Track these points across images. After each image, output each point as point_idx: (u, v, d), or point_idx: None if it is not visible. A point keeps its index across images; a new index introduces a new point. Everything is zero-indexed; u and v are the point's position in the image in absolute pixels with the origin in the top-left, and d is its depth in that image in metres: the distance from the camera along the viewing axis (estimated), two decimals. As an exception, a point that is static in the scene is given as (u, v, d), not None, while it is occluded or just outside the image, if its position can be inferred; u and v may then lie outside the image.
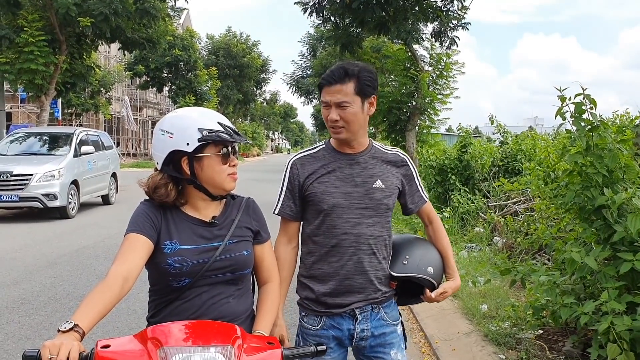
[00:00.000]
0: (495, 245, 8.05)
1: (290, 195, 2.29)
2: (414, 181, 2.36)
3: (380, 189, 2.23)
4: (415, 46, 15.37)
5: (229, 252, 1.97)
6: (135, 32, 19.92)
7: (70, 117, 33.57)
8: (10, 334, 5.00)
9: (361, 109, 2.17)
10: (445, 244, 2.40)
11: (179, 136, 1.90)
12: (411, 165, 2.37)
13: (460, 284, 2.36)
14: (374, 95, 2.21)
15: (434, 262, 2.30)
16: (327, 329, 2.26)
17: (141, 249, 1.87)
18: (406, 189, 2.34)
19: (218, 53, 46.33)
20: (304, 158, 2.31)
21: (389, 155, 2.32)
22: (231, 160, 1.99)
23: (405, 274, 2.25)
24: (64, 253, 8.40)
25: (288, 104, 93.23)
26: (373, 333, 2.26)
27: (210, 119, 1.95)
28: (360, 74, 2.15)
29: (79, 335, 1.53)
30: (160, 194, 1.94)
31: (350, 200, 2.21)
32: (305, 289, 2.30)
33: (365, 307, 2.25)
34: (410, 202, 2.36)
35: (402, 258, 2.28)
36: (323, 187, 2.22)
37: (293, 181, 2.28)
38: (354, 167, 2.24)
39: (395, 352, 2.29)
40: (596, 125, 3.76)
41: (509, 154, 11.04)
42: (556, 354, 4.16)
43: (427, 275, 2.24)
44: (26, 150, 13.13)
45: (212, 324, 1.63)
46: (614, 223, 3.61)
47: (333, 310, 2.24)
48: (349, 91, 2.13)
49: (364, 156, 2.27)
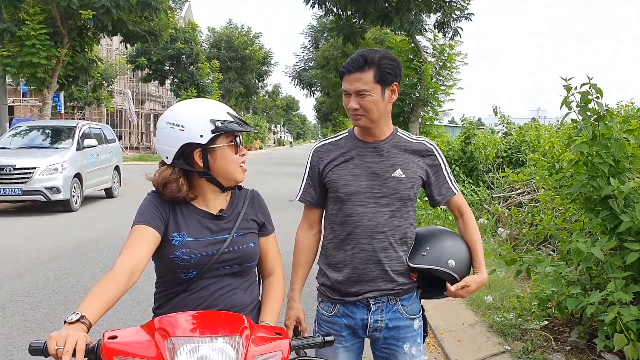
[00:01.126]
0: (499, 237, 8.03)
1: (311, 182, 2.31)
2: (441, 172, 2.29)
3: (400, 178, 2.20)
4: (418, 37, 15.34)
5: (236, 244, 1.97)
6: (137, 25, 19.86)
7: (72, 111, 33.55)
8: (15, 326, 5.01)
9: (381, 97, 2.14)
10: (474, 237, 2.31)
11: (190, 129, 1.88)
12: (439, 156, 2.30)
13: (486, 278, 2.26)
14: (396, 83, 2.17)
15: (457, 255, 2.22)
16: (340, 316, 2.26)
17: (148, 240, 1.86)
18: (432, 180, 2.28)
19: (220, 46, 46.24)
20: (326, 146, 2.32)
21: (414, 144, 2.27)
22: (241, 150, 1.99)
23: (423, 265, 2.19)
24: (68, 246, 8.41)
25: (290, 96, 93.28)
26: (387, 325, 2.24)
27: (220, 109, 1.94)
28: (381, 62, 2.12)
29: (85, 327, 1.52)
30: (172, 190, 1.92)
31: (367, 188, 2.19)
32: (322, 276, 2.32)
33: (381, 297, 2.23)
34: (437, 194, 2.30)
35: (423, 249, 2.22)
36: (340, 175, 2.22)
37: (314, 168, 2.30)
38: (373, 156, 2.22)
39: (409, 347, 2.26)
40: (602, 114, 3.73)
41: (512, 145, 11.01)
42: (562, 345, 4.15)
43: (447, 268, 2.17)
44: (29, 143, 13.12)
45: (220, 315, 1.62)
46: (621, 213, 3.59)
47: (346, 299, 2.24)
48: (368, 79, 2.11)
49: (385, 144, 2.23)
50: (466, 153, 11.28)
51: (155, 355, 1.43)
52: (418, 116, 15.02)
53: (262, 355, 1.51)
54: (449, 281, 2.20)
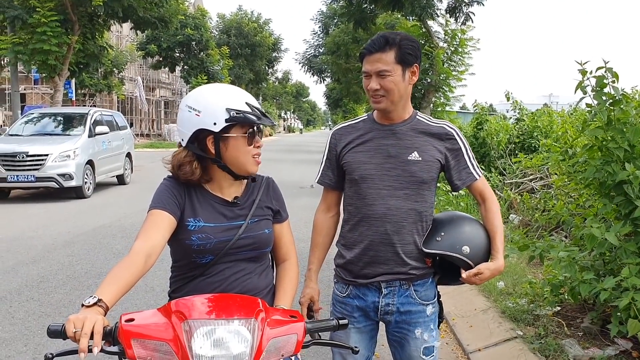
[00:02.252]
0: (511, 223, 8.00)
1: (329, 165, 2.33)
2: (462, 156, 2.25)
3: (416, 161, 2.18)
4: (430, 22, 15.18)
5: (251, 230, 1.98)
6: (147, 12, 19.83)
7: (83, 98, 33.68)
8: (30, 311, 5.08)
9: (402, 77, 2.13)
10: (494, 223, 2.25)
11: (206, 115, 1.87)
12: (459, 140, 2.26)
13: (502, 267, 2.19)
14: (416, 64, 2.16)
15: (473, 241, 2.17)
16: (353, 298, 2.27)
17: (164, 225, 1.86)
18: (451, 164, 2.25)
19: (229, 32, 46.14)
20: (344, 128, 2.33)
21: (433, 127, 2.25)
22: (256, 142, 1.97)
23: (436, 250, 2.17)
24: (81, 232, 8.48)
25: (300, 83, 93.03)
26: (399, 309, 2.24)
27: (239, 98, 1.92)
28: (402, 43, 2.12)
29: (102, 310, 1.53)
30: (185, 172, 1.93)
31: (383, 171, 2.19)
32: (338, 257, 2.34)
33: (393, 282, 2.22)
34: (456, 178, 2.26)
35: (438, 234, 2.20)
36: (356, 157, 2.22)
37: (332, 151, 2.31)
38: (389, 138, 2.21)
39: (420, 332, 2.26)
40: (618, 99, 3.68)
41: (525, 131, 10.92)
42: (574, 331, 4.14)
43: (460, 254, 2.14)
44: (41, 130, 13.20)
45: (236, 297, 1.63)
46: (636, 198, 3.55)
47: (358, 280, 2.25)
48: (389, 60, 2.10)
49: (402, 127, 2.22)
50: (478, 139, 11.21)
51: (172, 338, 1.44)
52: (429, 102, 14.91)
53: (277, 337, 1.52)
54: (464, 267, 2.17)
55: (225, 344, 1.44)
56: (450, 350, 4.41)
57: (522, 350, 3.92)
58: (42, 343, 4.29)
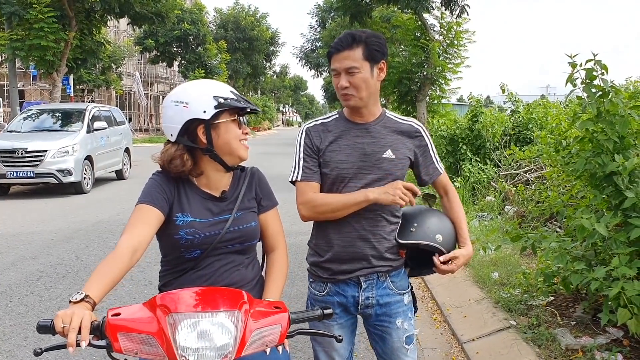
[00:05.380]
0: (506, 214, 8.04)
1: (309, 160, 2.26)
2: (428, 152, 2.32)
3: (390, 159, 2.22)
4: (425, 15, 15.17)
5: (238, 224, 2.02)
6: (144, 7, 19.83)
7: (82, 94, 33.69)
8: (30, 306, 5.12)
9: (370, 74, 2.15)
10: (459, 214, 2.35)
11: (194, 105, 1.92)
12: (426, 136, 2.32)
13: (472, 252, 2.31)
14: (384, 61, 2.19)
15: (444, 230, 2.26)
16: (332, 295, 2.29)
17: (151, 220, 1.90)
18: (420, 160, 2.31)
19: (227, 26, 46.08)
20: (317, 126, 2.32)
21: (403, 125, 2.29)
22: (244, 128, 2.03)
23: (412, 241, 2.23)
24: (80, 227, 8.53)
25: (298, 76, 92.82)
26: (378, 301, 2.28)
27: (223, 88, 1.99)
28: (368, 39, 2.14)
29: (90, 305, 1.57)
30: (177, 165, 1.96)
31: (359, 169, 2.21)
32: (312, 255, 2.34)
33: (371, 275, 2.26)
34: (424, 174, 2.34)
35: (410, 226, 2.26)
36: (333, 156, 2.23)
37: (311, 146, 2.26)
38: (364, 137, 2.24)
39: (401, 321, 2.30)
40: (607, 91, 3.71)
41: (520, 123, 10.92)
42: (567, 320, 4.18)
43: (435, 242, 2.21)
44: (40, 126, 13.25)
45: (221, 290, 1.66)
46: (625, 189, 3.59)
47: (337, 277, 2.27)
48: (357, 56, 2.13)
49: (376, 125, 2.25)
50: (473, 131, 11.22)
51: (157, 331, 1.48)
52: (425, 95, 14.92)
53: (261, 328, 1.56)
54: (438, 255, 2.23)
55: (209, 335, 1.48)
56: (445, 340, 4.45)
57: (515, 339, 3.97)
58: (42, 337, 4.33)
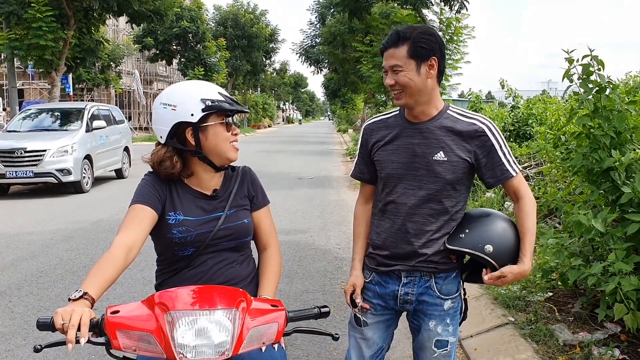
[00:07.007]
0: (506, 210, 8.05)
1: (362, 159, 2.37)
2: (495, 153, 2.17)
3: (441, 161, 2.15)
4: (425, 11, 15.16)
5: (230, 221, 2.04)
6: (143, 5, 19.78)
7: (81, 93, 33.66)
8: (29, 305, 5.14)
9: (416, 72, 2.10)
10: (526, 224, 2.16)
11: (182, 108, 1.93)
12: (492, 135, 2.17)
13: (528, 270, 2.11)
14: (434, 57, 2.12)
15: (499, 240, 2.10)
16: (375, 284, 2.34)
17: (145, 219, 1.93)
18: (482, 162, 2.18)
19: (226, 24, 45.97)
20: (376, 123, 2.34)
21: (463, 124, 2.18)
22: (233, 129, 2.03)
23: (457, 247, 2.14)
24: (80, 227, 8.54)
25: (298, 73, 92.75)
26: (417, 299, 2.28)
27: (211, 89, 1.99)
28: (415, 37, 2.10)
29: (89, 303, 1.59)
30: (166, 167, 1.98)
31: (408, 170, 2.20)
32: (370, 243, 2.40)
33: (413, 272, 2.26)
34: (489, 176, 2.19)
35: (462, 231, 2.16)
36: (384, 155, 2.25)
37: (364, 145, 2.35)
38: (416, 137, 2.20)
39: (434, 324, 2.28)
40: (604, 86, 3.72)
41: (520, 119, 10.95)
42: (565, 316, 4.20)
43: (482, 252, 2.08)
44: (39, 126, 13.23)
45: (219, 289, 1.68)
46: (622, 185, 3.60)
47: (380, 268, 2.31)
48: (401, 55, 2.10)
49: (430, 125, 2.19)
50: (473, 127, 11.23)
51: (156, 328, 1.50)
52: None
53: (258, 326, 1.57)
54: (488, 267, 2.12)
55: (207, 333, 1.49)
56: (444, 337, 4.47)
57: (513, 335, 3.98)
58: (41, 337, 4.34)
